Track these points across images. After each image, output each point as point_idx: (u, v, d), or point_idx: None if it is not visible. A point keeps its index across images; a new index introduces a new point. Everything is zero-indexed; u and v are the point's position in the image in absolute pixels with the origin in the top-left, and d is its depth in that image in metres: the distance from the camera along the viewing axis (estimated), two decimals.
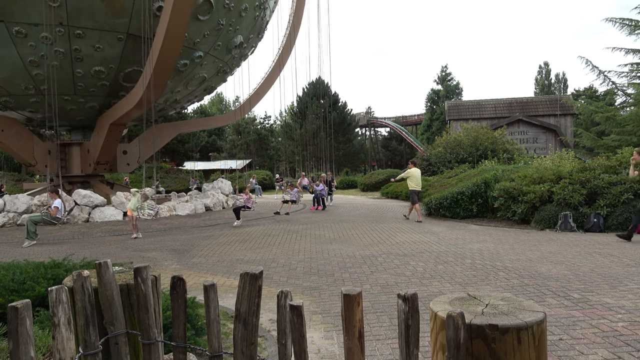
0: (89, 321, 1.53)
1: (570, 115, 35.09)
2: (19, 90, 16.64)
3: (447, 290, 5.81)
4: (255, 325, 1.46)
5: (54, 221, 11.92)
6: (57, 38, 14.86)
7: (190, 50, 17.40)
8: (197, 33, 16.84)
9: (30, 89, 16.69)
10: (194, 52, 17.59)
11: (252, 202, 15.36)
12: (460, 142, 25.34)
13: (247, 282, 1.45)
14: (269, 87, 23.76)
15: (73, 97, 17.36)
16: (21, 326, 1.26)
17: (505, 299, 1.38)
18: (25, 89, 16.64)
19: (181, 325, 1.62)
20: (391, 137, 60.78)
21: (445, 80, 56.14)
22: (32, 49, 15.09)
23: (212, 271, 7.57)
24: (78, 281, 1.53)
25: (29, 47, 15.05)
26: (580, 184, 11.39)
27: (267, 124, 59.45)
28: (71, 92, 17.14)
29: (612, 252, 7.96)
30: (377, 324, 4.64)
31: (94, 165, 18.92)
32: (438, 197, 14.70)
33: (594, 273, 6.38)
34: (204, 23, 16.69)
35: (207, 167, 46.71)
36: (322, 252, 8.91)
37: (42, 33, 14.53)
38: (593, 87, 46.83)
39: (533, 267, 6.91)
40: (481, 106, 37.44)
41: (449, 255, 8.05)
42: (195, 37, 16.90)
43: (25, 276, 4.60)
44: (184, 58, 17.48)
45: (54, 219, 11.86)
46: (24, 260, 5.31)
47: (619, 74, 20.65)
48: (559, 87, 60.77)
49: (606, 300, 5.10)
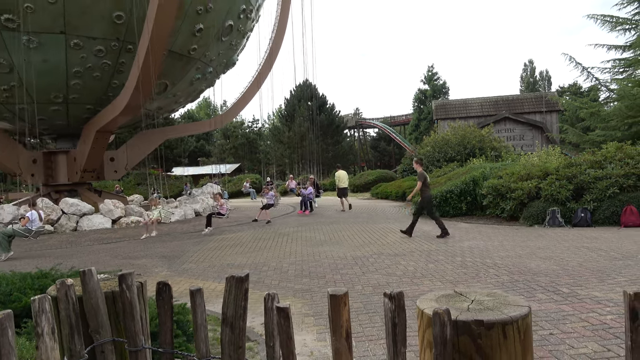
0: (73, 330, 1.50)
1: (555, 112, 35.48)
2: (46, 98, 16.54)
3: (438, 288, 5.83)
4: (242, 328, 1.46)
5: (25, 233, 11.53)
6: (110, 51, 15.70)
7: (206, 66, 19.15)
8: (215, 52, 18.69)
9: (58, 98, 16.80)
10: (207, 67, 19.38)
11: (226, 209, 14.83)
12: (448, 141, 25.47)
13: (233, 285, 1.44)
14: (256, 91, 23.71)
15: (94, 105, 17.51)
16: (3, 337, 1.24)
17: (491, 295, 1.39)
18: (55, 97, 16.74)
19: (168, 331, 1.61)
20: (380, 137, 60.97)
21: (431, 80, 56.45)
22: (82, 60, 15.57)
23: (203, 277, 7.52)
24: (62, 290, 1.51)
25: (80, 59, 15.55)
26: (567, 179, 11.52)
27: (256, 128, 59.33)
28: (93, 102, 17.38)
29: (600, 246, 8.06)
30: (369, 325, 4.64)
31: (81, 173, 18.71)
32: None
33: (582, 267, 6.45)
34: (223, 43, 18.70)
35: (196, 172, 46.47)
36: (313, 254, 8.90)
37: (97, 46, 15.29)
38: (577, 84, 47.40)
39: (522, 263, 6.97)
40: (468, 105, 37.71)
41: (439, 254, 8.09)
42: (213, 54, 18.72)
43: (12, 287, 4.54)
44: (199, 73, 19.30)
45: (25, 231, 11.50)
46: (10, 272, 5.23)
47: (602, 70, 20.93)
48: (543, 85, 61.47)
49: (595, 293, 5.15)
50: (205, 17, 16.71)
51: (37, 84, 15.57)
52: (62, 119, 17.93)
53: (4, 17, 13.84)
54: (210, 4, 16.38)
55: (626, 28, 19.84)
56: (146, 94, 15.29)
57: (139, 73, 14.29)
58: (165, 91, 18.92)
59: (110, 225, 16.79)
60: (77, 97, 16.88)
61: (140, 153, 21.59)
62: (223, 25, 18.00)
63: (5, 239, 10.94)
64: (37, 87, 15.66)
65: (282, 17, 23.31)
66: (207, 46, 18.04)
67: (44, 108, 16.80)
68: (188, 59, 17.96)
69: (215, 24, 17.45)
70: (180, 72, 18.49)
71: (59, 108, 17.31)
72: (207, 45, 18.00)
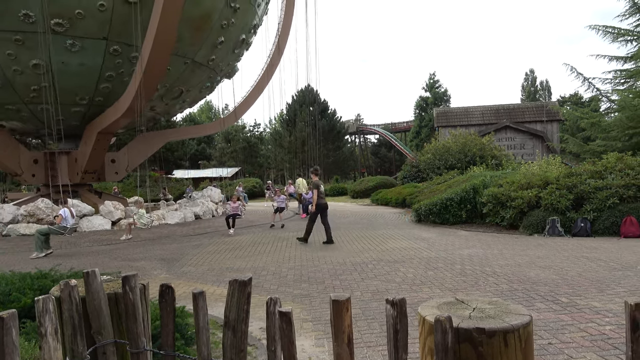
0: (76, 331, 1.51)
1: (556, 122, 35.56)
2: (71, 100, 16.92)
3: (437, 296, 5.83)
4: (244, 332, 1.46)
5: (61, 230, 11.56)
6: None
7: (216, 75, 20.54)
8: (226, 62, 20.19)
9: (84, 99, 17.18)
10: (217, 76, 20.67)
11: (242, 210, 15.19)
12: (448, 148, 25.53)
13: (235, 289, 1.45)
14: (258, 95, 23.79)
15: None
16: (7, 336, 1.24)
17: (492, 303, 1.40)
18: (80, 99, 17.13)
19: (170, 333, 1.62)
20: (380, 144, 61.07)
21: (433, 88, 56.61)
22: (117, 65, 16.15)
23: (201, 280, 7.52)
24: (65, 290, 1.52)
25: (115, 64, 16.11)
26: (567, 189, 11.53)
27: (257, 132, 59.40)
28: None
29: (599, 256, 8.06)
30: (368, 331, 4.64)
31: (82, 174, 18.73)
32: (427, 204, 14.78)
33: (581, 277, 6.45)
34: (233, 55, 20.24)
35: (197, 175, 46.49)
36: (313, 259, 8.89)
37: (133, 53, 15.70)
38: (578, 94, 47.54)
39: (522, 272, 6.97)
40: (469, 113, 37.80)
41: (438, 261, 8.09)
42: (224, 65, 20.20)
43: (11, 287, 4.53)
44: (209, 81, 20.65)
45: (60, 228, 11.57)
46: (10, 271, 5.23)
47: (603, 80, 21.06)
48: (544, 94, 61.64)
49: (594, 304, 5.15)
50: (227, 31, 18.24)
51: (67, 86, 16.12)
52: (78, 119, 18.18)
53: (54, 21, 14.33)
54: (233, 19, 17.89)
55: (628, 39, 19.93)
56: (148, 98, 15.37)
57: (142, 76, 14.34)
58: (179, 96, 20.06)
59: (109, 227, 16.78)
60: (102, 99, 17.32)
61: (141, 155, 21.63)
62: (238, 39, 19.56)
63: (40, 237, 10.96)
64: (67, 88, 16.21)
65: (285, 23, 23.43)
66: (223, 57, 19.60)
67: (67, 109, 17.12)
68: (206, 68, 19.24)
69: (233, 38, 19.14)
70: (197, 80, 19.83)
71: (80, 109, 17.61)
72: (223, 57, 19.60)
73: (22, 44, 14.60)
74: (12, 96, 16.46)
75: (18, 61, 15.15)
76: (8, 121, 18.23)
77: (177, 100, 20.63)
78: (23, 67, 15.33)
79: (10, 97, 16.49)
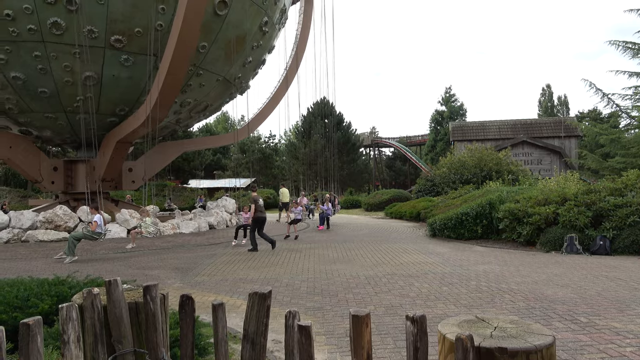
0: (97, 339, 1.53)
1: (574, 137, 35.12)
2: (111, 110, 17.65)
3: (452, 312, 5.75)
4: (263, 345, 1.47)
5: (95, 236, 11.84)
6: (185, 75, 16.84)
7: (236, 91, 21.59)
8: (247, 80, 21.35)
9: (123, 110, 17.90)
10: (236, 93, 21.67)
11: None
12: (464, 162, 25.33)
13: (255, 301, 1.46)
14: (274, 107, 23.99)
15: None
16: (32, 343, 1.27)
17: (514, 322, 1.38)
18: (120, 110, 17.84)
19: (189, 344, 1.62)
20: (395, 157, 60.88)
21: (449, 102, 56.44)
22: None
23: (215, 290, 7.53)
24: (88, 299, 1.54)
25: None
26: (586, 206, 11.34)
27: (272, 143, 59.73)
28: None
29: (619, 275, 7.88)
30: (381, 346, 4.59)
31: (100, 182, 19.01)
32: (442, 218, 14.65)
33: (600, 297, 6.31)
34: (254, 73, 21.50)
35: (212, 185, 46.82)
36: (326, 272, 8.86)
37: None
38: (597, 110, 46.95)
39: (539, 289, 6.84)
40: (485, 127, 37.55)
41: (453, 277, 7.99)
42: (245, 82, 21.37)
43: (29, 293, 4.59)
44: (230, 97, 21.82)
45: (95, 234, 11.81)
46: (29, 277, 5.31)
47: (622, 96, 20.74)
48: (562, 110, 61.01)
49: (614, 324, 5.03)
50: (255, 52, 19.60)
51: (112, 97, 16.85)
52: (108, 129, 18.70)
53: (114, 38, 15.18)
54: (261, 41, 19.42)
55: None
56: (166, 108, 15.62)
57: (161, 87, 14.59)
58: (204, 110, 21.04)
59: (125, 235, 16.95)
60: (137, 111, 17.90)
61: (158, 164, 21.90)
62: (261, 59, 20.75)
63: (74, 242, 11.19)
64: (111, 99, 16.94)
65: (302, 37, 23.69)
66: (246, 75, 20.66)
67: (103, 119, 17.76)
68: (231, 85, 20.15)
69: (258, 58, 20.48)
70: (223, 96, 20.85)
71: (115, 119, 18.12)
72: (246, 75, 20.67)
73: (79, 57, 15.31)
74: (56, 105, 17.07)
75: (72, 73, 15.83)
76: (42, 129, 18.66)
77: (202, 114, 21.63)
78: (75, 79, 15.98)
79: (54, 106, 17.10)
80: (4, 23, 14.28)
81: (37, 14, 14.25)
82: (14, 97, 16.55)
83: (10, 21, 14.29)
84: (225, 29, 16.86)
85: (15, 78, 15.72)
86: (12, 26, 14.39)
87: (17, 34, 14.57)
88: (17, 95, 16.47)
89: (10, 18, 14.20)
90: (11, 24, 14.36)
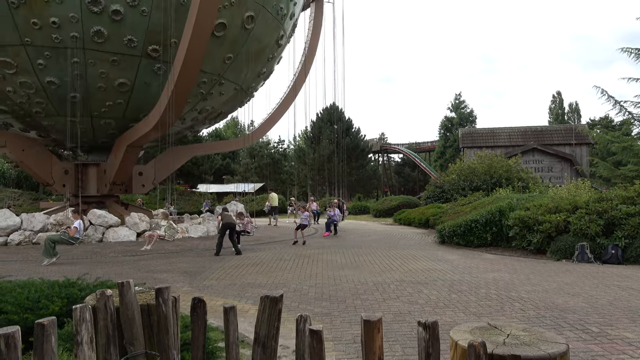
0: (110, 340, 1.54)
1: (585, 145, 34.83)
2: (135, 116, 17.92)
3: (461, 320, 5.71)
4: (274, 349, 1.47)
5: (71, 241, 12.09)
6: (209, 83, 17.88)
7: (247, 99, 22.03)
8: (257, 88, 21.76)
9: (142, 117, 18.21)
10: (247, 100, 22.09)
11: (252, 227, 15.19)
12: (474, 169, 25.21)
13: (267, 305, 1.46)
14: (284, 112, 24.06)
15: None
16: (46, 343, 1.28)
17: (527, 330, 1.37)
18: (143, 116, 18.01)
19: (200, 347, 1.63)
20: (404, 163, 60.72)
21: (458, 108, 56.23)
22: None
23: (223, 294, 7.55)
24: (101, 300, 1.55)
25: None
26: (597, 214, 11.22)
27: (281, 148, 59.85)
28: None
29: (632, 284, 7.78)
30: (389, 353, 4.57)
31: (110, 185, 19.17)
32: (451, 225, 14.57)
33: (612, 306, 6.23)
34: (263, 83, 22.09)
35: (221, 190, 46.96)
36: (334, 277, 8.84)
37: (203, 78, 17.17)
38: (609, 117, 46.51)
39: (549, 298, 6.78)
40: (495, 134, 37.37)
41: (463, 284, 7.94)
42: (255, 91, 21.83)
43: (39, 294, 4.63)
44: (240, 105, 22.21)
45: (72, 239, 12.02)
46: (39, 279, 5.36)
47: (635, 104, 20.52)
48: (573, 117, 60.57)
49: (626, 334, 4.96)
50: (269, 63, 20.16)
51: (140, 104, 17.10)
52: None
53: (151, 47, 15.55)
54: (275, 53, 19.94)
55: None
56: (178, 112, 15.74)
57: (172, 91, 14.70)
58: (217, 117, 21.58)
59: (135, 238, 17.06)
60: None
61: (168, 169, 22.04)
62: (272, 69, 21.43)
63: (51, 245, 11.34)
64: (139, 106, 17.19)
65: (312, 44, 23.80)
66: (257, 85, 21.20)
67: (125, 124, 18.01)
68: (244, 94, 20.58)
69: (270, 68, 20.94)
70: (236, 104, 21.41)
71: (135, 125, 18.25)
72: (257, 85, 21.21)
73: (116, 65, 15.64)
74: (83, 110, 17.26)
75: (107, 79, 16.10)
76: (61, 132, 18.86)
77: (214, 121, 22.27)
78: (108, 85, 16.25)
79: (81, 111, 17.27)
80: (48, 30, 14.50)
81: (82, 22, 14.49)
82: (45, 101, 16.69)
83: (55, 28, 14.48)
84: (250, 42, 17.46)
85: (50, 83, 15.87)
86: (56, 33, 14.60)
87: (60, 41, 14.77)
88: (48, 100, 16.64)
89: (56, 25, 14.41)
90: (55, 31, 14.55)
